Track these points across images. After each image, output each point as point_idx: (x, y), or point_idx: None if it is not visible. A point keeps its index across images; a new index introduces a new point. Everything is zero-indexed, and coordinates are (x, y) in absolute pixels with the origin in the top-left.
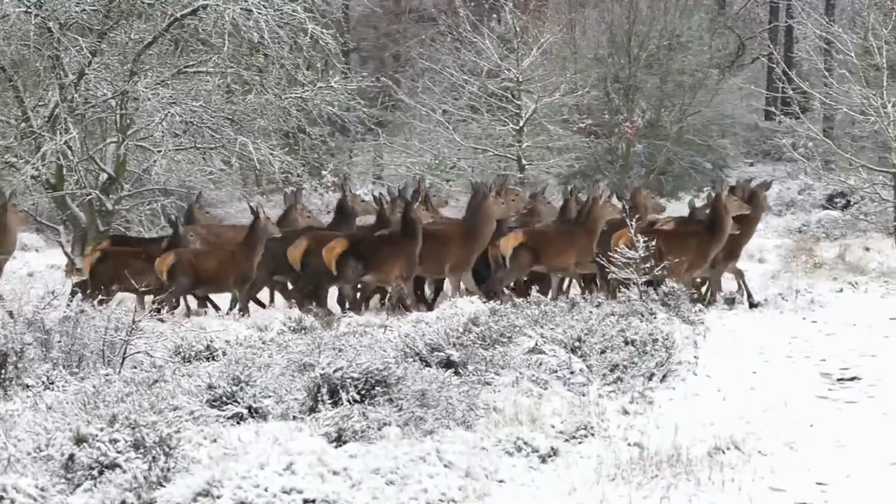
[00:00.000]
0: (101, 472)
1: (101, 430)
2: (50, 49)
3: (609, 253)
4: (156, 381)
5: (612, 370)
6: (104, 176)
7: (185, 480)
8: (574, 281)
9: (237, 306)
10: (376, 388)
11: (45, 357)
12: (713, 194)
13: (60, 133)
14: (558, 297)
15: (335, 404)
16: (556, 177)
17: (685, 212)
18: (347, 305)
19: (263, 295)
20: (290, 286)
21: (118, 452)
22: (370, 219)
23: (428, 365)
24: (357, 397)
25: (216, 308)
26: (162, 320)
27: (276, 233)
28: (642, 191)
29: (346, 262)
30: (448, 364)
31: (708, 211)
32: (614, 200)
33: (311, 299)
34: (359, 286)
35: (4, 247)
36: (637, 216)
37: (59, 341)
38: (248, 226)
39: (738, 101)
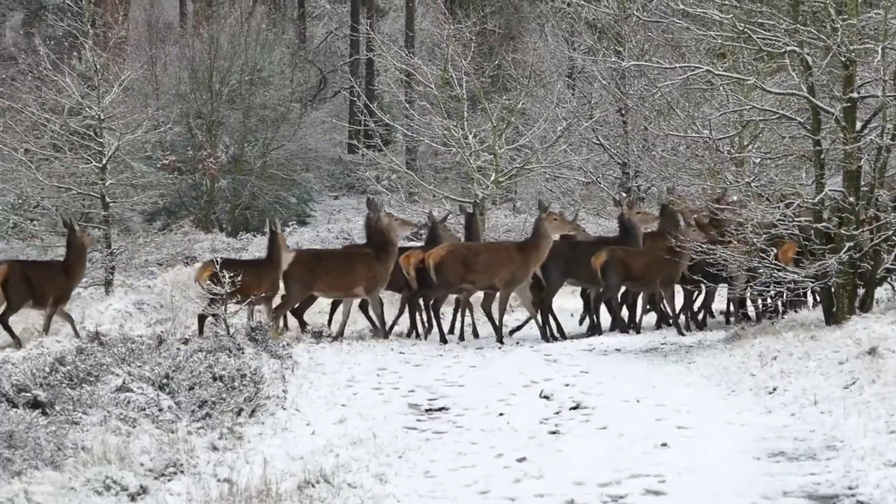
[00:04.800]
0: None
1: None
2: None
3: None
4: None
5: (200, 406)
6: None
7: None
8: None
9: None
10: None
11: None
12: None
13: None
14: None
15: None
16: (140, 214)
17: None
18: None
19: None
20: None
21: None
22: None
23: (15, 406)
24: None
25: None
26: None
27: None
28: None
29: None
30: (35, 404)
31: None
32: None
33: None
34: None
35: None
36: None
37: None
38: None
39: (321, 134)
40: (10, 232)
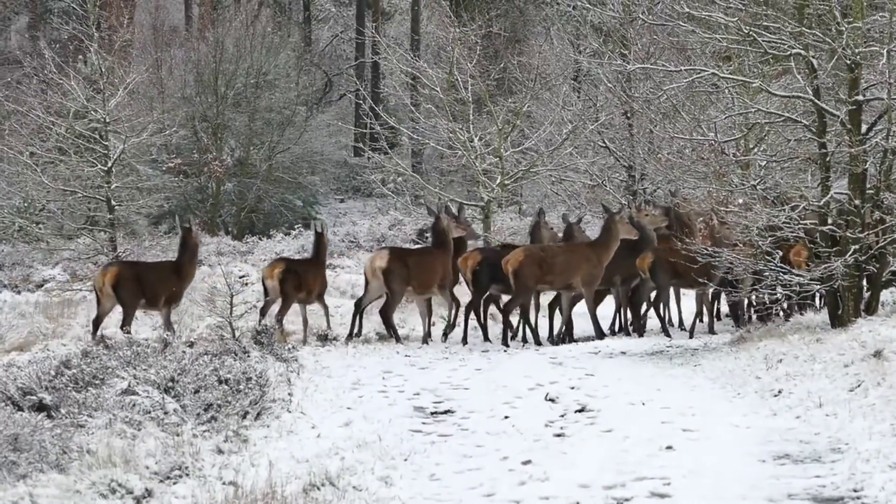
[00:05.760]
0: None
1: None
2: None
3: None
4: None
5: (206, 409)
6: None
7: None
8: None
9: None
10: None
11: None
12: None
13: None
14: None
15: None
16: (146, 217)
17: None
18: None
19: None
20: None
21: None
22: None
23: (20, 408)
24: None
25: None
26: None
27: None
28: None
29: None
30: (41, 407)
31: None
32: None
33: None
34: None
35: None
36: None
37: None
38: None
39: (326, 137)
40: (15, 235)
